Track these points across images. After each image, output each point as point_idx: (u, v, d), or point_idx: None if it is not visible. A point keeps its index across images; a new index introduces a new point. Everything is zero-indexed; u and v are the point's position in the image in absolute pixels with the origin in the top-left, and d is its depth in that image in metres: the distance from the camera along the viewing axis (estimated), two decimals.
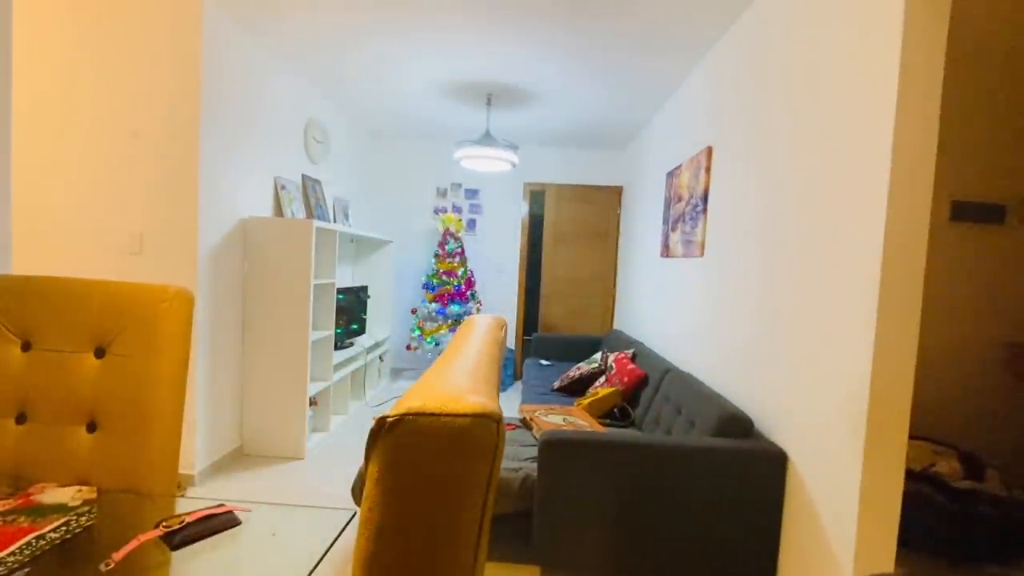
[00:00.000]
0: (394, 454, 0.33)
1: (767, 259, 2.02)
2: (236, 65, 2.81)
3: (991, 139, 2.50)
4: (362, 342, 4.12)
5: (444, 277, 4.80)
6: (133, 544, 0.80)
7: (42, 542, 0.79)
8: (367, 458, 0.33)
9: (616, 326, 5.08)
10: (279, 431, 3.05)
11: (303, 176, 3.68)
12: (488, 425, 0.33)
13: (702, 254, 2.72)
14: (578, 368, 3.67)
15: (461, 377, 0.42)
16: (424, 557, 0.35)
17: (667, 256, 3.37)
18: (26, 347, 1.09)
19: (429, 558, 0.35)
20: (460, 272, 4.83)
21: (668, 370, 2.74)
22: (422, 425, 0.32)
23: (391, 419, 0.32)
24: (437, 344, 4.75)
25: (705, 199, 2.71)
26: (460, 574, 0.36)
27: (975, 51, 2.35)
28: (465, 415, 0.33)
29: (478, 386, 0.39)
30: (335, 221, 4.13)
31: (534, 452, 2.28)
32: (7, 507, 0.88)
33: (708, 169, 2.70)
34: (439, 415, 0.32)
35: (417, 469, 0.34)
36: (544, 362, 4.41)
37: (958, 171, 2.46)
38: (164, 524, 0.85)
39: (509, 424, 2.72)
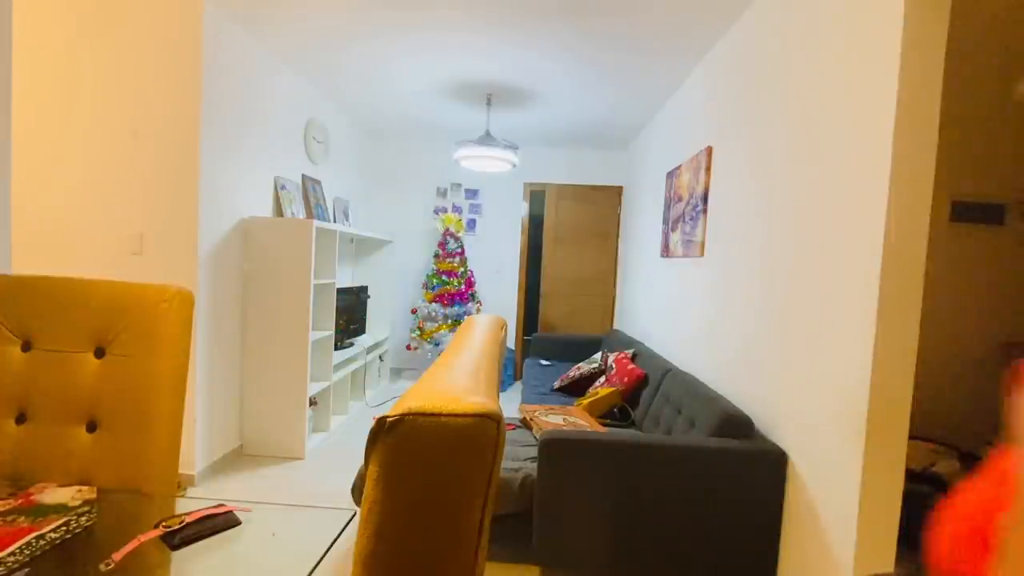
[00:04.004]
0: (394, 454, 0.33)
1: (767, 259, 2.02)
2: (236, 65, 2.81)
3: (991, 139, 2.50)
4: (362, 342, 4.12)
5: (444, 277, 4.80)
6: (133, 544, 0.80)
7: (42, 542, 0.79)
8: (367, 458, 0.33)
9: (616, 326, 5.08)
10: (279, 431, 3.05)
11: (303, 176, 3.68)
12: (488, 425, 0.33)
13: (702, 254, 2.72)
14: (578, 368, 3.67)
15: (461, 377, 0.41)
16: (424, 557, 0.35)
17: (667, 256, 3.37)
18: (26, 347, 1.09)
19: (429, 558, 0.35)
20: (460, 272, 4.83)
21: (668, 370, 2.74)
22: (422, 425, 0.32)
23: (391, 419, 0.32)
24: (437, 344, 4.75)
25: (705, 199, 2.71)
26: (460, 574, 0.36)
27: (975, 51, 2.35)
28: (465, 415, 0.33)
29: (479, 386, 0.39)
30: (335, 221, 4.13)
31: (534, 452, 2.28)
32: (7, 507, 0.88)
33: (708, 169, 2.70)
34: (439, 415, 0.32)
35: (417, 469, 0.34)
36: (544, 362, 4.41)
37: (958, 171, 2.46)
38: (164, 524, 0.85)
39: (509, 424, 2.72)
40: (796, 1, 1.92)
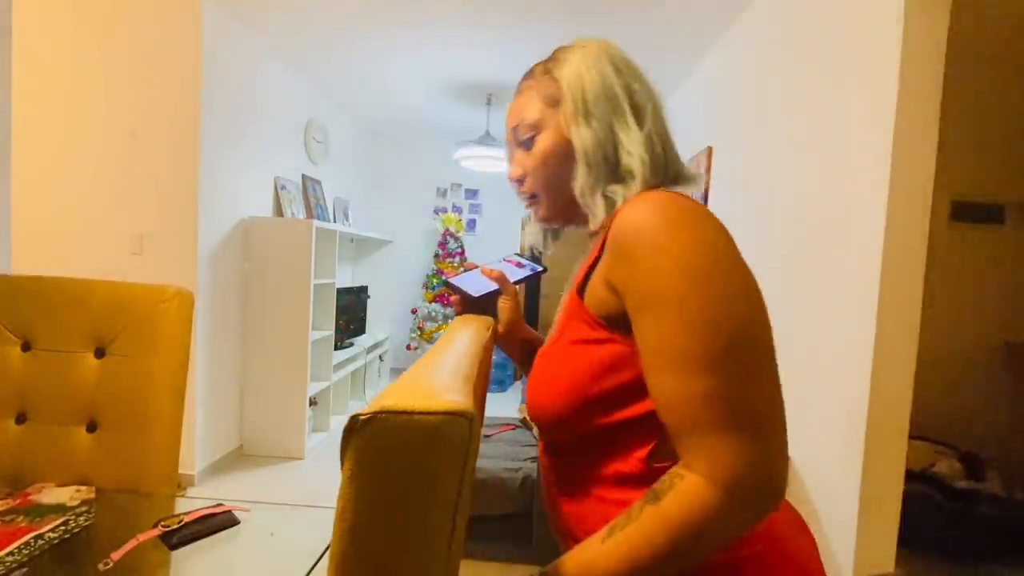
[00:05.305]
0: (366, 452, 0.33)
1: (767, 259, 2.02)
2: (236, 65, 2.81)
3: (991, 139, 2.49)
4: (362, 342, 4.12)
5: (444, 277, 4.81)
6: (131, 544, 0.80)
7: (40, 542, 0.79)
8: (341, 456, 0.33)
9: None
10: (279, 431, 3.05)
11: (303, 176, 3.68)
12: (460, 423, 0.33)
13: None
14: None
15: (439, 375, 0.42)
16: (396, 556, 0.35)
17: None
18: (26, 347, 1.09)
19: (401, 557, 0.35)
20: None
21: None
22: (395, 423, 0.32)
23: (364, 417, 0.32)
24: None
25: (705, 199, 2.71)
26: (432, 572, 0.36)
27: (975, 50, 2.35)
28: (437, 413, 0.33)
29: (455, 384, 0.39)
30: (335, 221, 4.13)
31: (534, 452, 2.28)
32: (6, 507, 0.88)
33: (708, 169, 2.70)
34: (412, 413, 0.32)
35: (388, 467, 0.34)
36: None
37: (958, 171, 2.46)
38: (163, 524, 0.85)
39: (509, 424, 2.72)
40: (795, 1, 1.92)
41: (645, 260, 0.50)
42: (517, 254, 0.90)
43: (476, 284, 0.80)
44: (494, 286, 0.80)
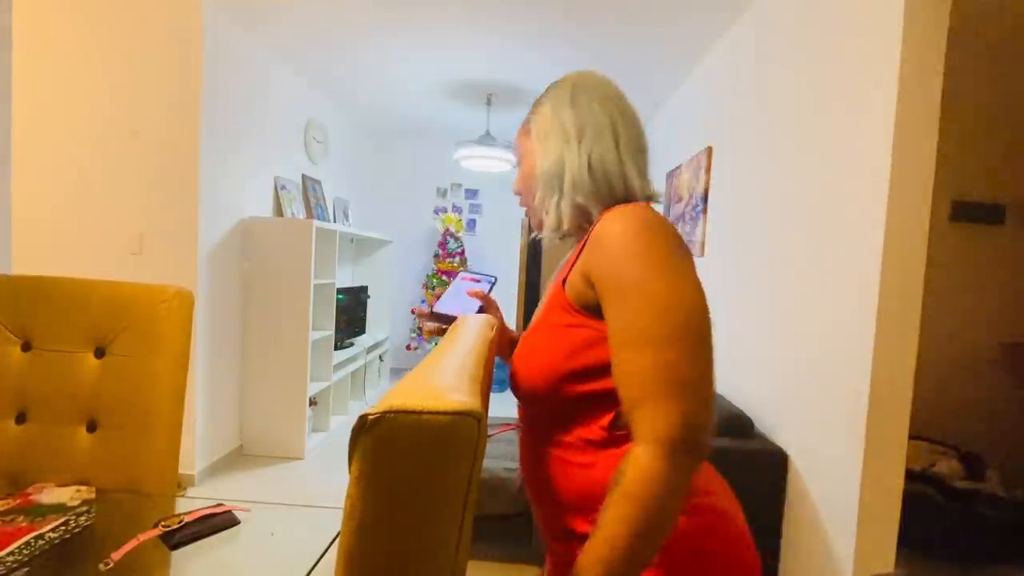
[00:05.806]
0: (374, 452, 0.33)
1: (767, 259, 2.02)
2: (236, 65, 2.81)
3: (991, 139, 2.50)
4: (362, 342, 4.12)
5: (444, 277, 4.80)
6: (132, 544, 0.80)
7: (41, 542, 0.79)
8: (349, 456, 0.33)
9: None
10: (279, 431, 3.05)
11: (303, 176, 3.68)
12: (469, 423, 0.33)
13: (702, 254, 2.72)
14: None
15: (446, 375, 0.42)
16: (404, 555, 0.35)
17: None
18: (26, 347, 1.09)
19: (409, 556, 0.35)
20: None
21: None
22: (403, 423, 0.32)
23: (372, 416, 0.32)
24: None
25: (705, 199, 2.71)
26: (440, 571, 0.36)
27: (975, 51, 2.35)
28: (446, 413, 0.33)
29: (461, 384, 0.39)
30: (335, 221, 4.13)
31: None
32: (6, 507, 0.88)
33: (708, 169, 2.70)
34: (420, 412, 0.32)
35: (397, 466, 0.34)
36: None
37: (958, 171, 2.46)
38: (163, 524, 0.85)
39: (509, 424, 2.72)
40: (795, 1, 1.92)
41: (613, 256, 0.64)
42: (465, 270, 0.99)
43: (463, 305, 0.89)
44: (478, 303, 0.90)
